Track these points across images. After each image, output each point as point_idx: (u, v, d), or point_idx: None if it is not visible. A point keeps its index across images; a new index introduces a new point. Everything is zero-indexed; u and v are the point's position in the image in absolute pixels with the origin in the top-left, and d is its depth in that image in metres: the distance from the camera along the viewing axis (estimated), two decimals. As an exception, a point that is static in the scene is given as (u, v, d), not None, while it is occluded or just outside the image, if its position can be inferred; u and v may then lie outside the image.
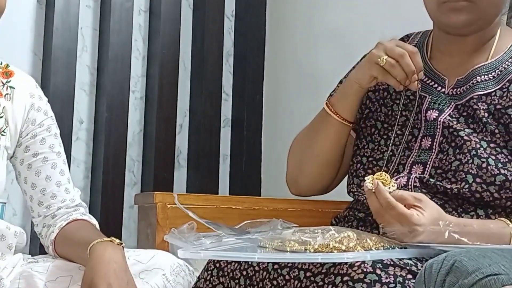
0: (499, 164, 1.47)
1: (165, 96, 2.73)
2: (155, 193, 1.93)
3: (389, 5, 2.47)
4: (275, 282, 1.35)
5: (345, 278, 1.26)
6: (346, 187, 1.70)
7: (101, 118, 2.62)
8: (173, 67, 2.77)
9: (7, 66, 1.64)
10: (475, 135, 1.51)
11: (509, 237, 1.40)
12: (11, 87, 1.61)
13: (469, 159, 1.48)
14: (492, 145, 1.49)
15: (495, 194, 1.46)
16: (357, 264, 1.26)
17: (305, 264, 1.32)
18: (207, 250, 1.36)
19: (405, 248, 1.32)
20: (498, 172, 1.46)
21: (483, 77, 1.57)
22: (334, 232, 1.30)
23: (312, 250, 1.27)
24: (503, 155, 1.48)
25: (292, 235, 1.33)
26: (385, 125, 1.65)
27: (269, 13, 3.00)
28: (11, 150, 1.60)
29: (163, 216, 1.89)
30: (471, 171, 1.47)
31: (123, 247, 1.47)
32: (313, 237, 1.29)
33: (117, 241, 1.47)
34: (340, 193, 1.84)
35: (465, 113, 1.55)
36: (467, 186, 1.47)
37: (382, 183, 1.37)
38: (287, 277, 1.34)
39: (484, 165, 1.47)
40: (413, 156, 1.56)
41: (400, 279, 1.26)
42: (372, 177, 1.39)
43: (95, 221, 1.64)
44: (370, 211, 1.53)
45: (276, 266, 1.36)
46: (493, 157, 1.48)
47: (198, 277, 1.48)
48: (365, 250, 1.27)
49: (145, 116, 2.77)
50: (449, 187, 1.49)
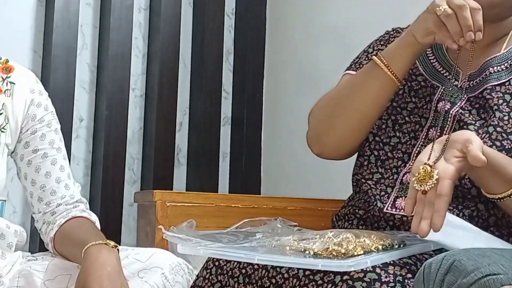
0: (503, 151, 1.43)
1: (165, 94, 2.73)
2: (155, 191, 1.94)
3: (389, 3, 2.47)
4: (273, 280, 1.35)
5: (345, 276, 1.26)
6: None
7: (101, 116, 2.62)
8: (173, 65, 2.76)
9: (7, 61, 1.63)
10: (485, 128, 1.47)
11: None
12: (11, 83, 1.60)
13: None
14: (498, 129, 1.46)
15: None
16: (356, 262, 1.26)
17: (304, 262, 1.32)
18: (206, 247, 1.36)
19: (404, 244, 1.32)
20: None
21: (496, 68, 1.55)
22: (331, 236, 1.30)
23: (312, 253, 1.27)
24: (508, 141, 1.45)
25: (291, 241, 1.33)
26: (394, 104, 1.61)
27: (269, 11, 3.00)
28: (11, 146, 1.60)
29: (162, 214, 1.90)
30: None
31: (118, 249, 1.47)
32: (313, 242, 1.29)
33: (112, 243, 1.47)
34: (340, 192, 1.84)
35: (477, 105, 1.52)
36: (468, 184, 1.45)
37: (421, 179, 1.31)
38: (286, 275, 1.34)
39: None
40: (419, 146, 1.54)
41: (399, 278, 1.26)
42: None
43: (95, 218, 1.64)
44: (370, 207, 1.54)
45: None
46: (498, 144, 1.45)
47: (197, 275, 1.48)
48: (364, 250, 1.27)
49: (145, 114, 2.77)
50: None
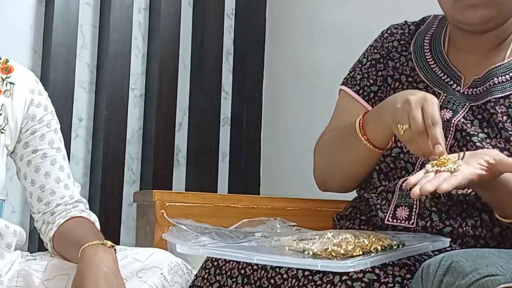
0: None
1: (164, 94, 2.73)
2: (154, 191, 1.94)
3: (388, 2, 2.47)
4: (272, 280, 1.35)
5: (344, 277, 1.26)
6: None
7: (101, 115, 2.62)
8: (172, 65, 2.76)
9: (7, 61, 1.63)
10: (488, 140, 1.45)
11: None
12: (10, 83, 1.60)
13: None
14: (505, 152, 1.41)
15: None
16: (355, 262, 1.26)
17: (302, 262, 1.32)
18: (206, 246, 1.36)
19: (403, 245, 1.32)
20: None
21: (500, 78, 1.50)
22: (330, 236, 1.30)
23: (311, 253, 1.27)
24: None
25: (290, 242, 1.33)
26: None
27: (269, 11, 3.00)
28: (11, 147, 1.60)
29: (161, 214, 1.90)
30: None
31: (115, 250, 1.47)
32: (312, 242, 1.29)
33: (109, 243, 1.46)
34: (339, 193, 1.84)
35: (480, 116, 1.48)
36: (473, 192, 1.43)
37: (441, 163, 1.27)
38: (285, 275, 1.34)
39: None
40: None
41: (398, 279, 1.26)
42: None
43: (94, 218, 1.64)
44: (372, 214, 1.53)
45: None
46: None
47: (195, 275, 1.48)
48: (363, 251, 1.27)
49: (144, 114, 2.77)
50: (454, 192, 1.43)
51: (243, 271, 1.40)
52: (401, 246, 1.32)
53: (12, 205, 2.47)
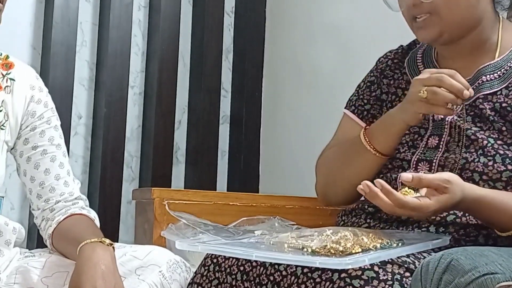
0: (507, 160, 1.47)
1: (164, 92, 2.73)
2: (153, 188, 1.94)
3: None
4: (271, 277, 1.35)
5: (343, 274, 1.26)
6: None
7: (100, 113, 2.62)
8: (172, 63, 2.76)
9: (7, 57, 1.63)
10: (482, 132, 1.51)
11: None
12: (11, 79, 1.60)
13: (476, 157, 1.49)
14: (499, 142, 1.49)
15: (502, 190, 1.45)
16: (354, 260, 1.26)
17: (302, 260, 1.32)
18: (205, 243, 1.36)
19: (403, 243, 1.32)
20: (504, 168, 1.47)
21: (488, 76, 1.56)
22: (329, 234, 1.30)
23: (310, 250, 1.27)
24: (510, 152, 1.48)
25: (289, 239, 1.33)
26: None
27: (268, 10, 3.00)
28: (11, 143, 1.60)
29: (160, 211, 1.90)
30: (477, 169, 1.48)
31: (113, 247, 1.46)
32: (311, 239, 1.29)
33: (108, 241, 1.46)
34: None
35: (472, 113, 1.54)
36: (474, 184, 1.45)
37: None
38: (284, 272, 1.34)
39: (490, 163, 1.47)
40: (418, 153, 1.56)
41: (397, 277, 1.26)
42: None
43: (94, 215, 1.63)
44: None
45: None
46: (501, 152, 1.48)
47: (195, 272, 1.48)
48: (362, 249, 1.27)
49: (143, 111, 2.77)
50: None
51: (242, 268, 1.40)
52: (400, 244, 1.32)
53: (11, 202, 2.47)
